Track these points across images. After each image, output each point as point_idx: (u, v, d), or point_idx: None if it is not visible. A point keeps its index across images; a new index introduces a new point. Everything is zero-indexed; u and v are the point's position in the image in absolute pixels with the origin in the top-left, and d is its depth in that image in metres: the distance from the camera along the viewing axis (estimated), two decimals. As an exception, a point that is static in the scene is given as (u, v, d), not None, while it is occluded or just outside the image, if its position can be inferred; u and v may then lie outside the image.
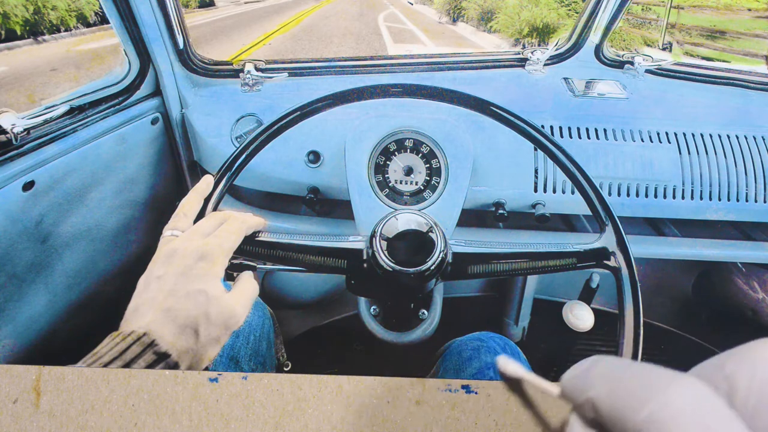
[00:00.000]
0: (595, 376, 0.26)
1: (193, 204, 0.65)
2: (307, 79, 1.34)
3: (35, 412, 0.33)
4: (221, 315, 0.51)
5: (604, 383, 0.25)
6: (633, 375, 0.24)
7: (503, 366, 0.36)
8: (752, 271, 1.48)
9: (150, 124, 1.22)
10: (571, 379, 0.27)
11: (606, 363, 0.26)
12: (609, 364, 0.26)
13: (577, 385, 0.26)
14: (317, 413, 0.34)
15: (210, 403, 0.34)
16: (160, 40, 1.15)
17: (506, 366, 0.36)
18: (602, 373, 0.25)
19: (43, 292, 0.98)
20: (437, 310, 0.98)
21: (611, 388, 0.24)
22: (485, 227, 1.30)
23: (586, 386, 0.25)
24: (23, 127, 0.89)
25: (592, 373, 0.26)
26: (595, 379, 0.25)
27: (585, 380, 0.26)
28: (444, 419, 0.34)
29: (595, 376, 0.26)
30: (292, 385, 0.35)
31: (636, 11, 9.11)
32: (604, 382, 0.25)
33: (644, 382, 0.23)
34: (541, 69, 1.37)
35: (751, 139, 1.19)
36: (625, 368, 0.25)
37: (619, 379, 0.24)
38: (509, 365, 0.35)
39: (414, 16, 17.01)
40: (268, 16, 16.39)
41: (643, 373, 0.24)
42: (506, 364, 0.36)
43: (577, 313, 1.28)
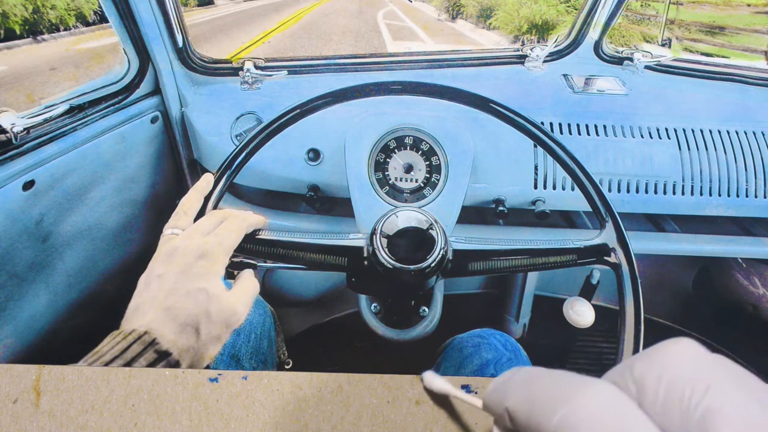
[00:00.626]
0: (511, 386, 0.26)
1: (193, 202, 0.65)
2: (306, 77, 1.33)
3: (35, 412, 0.33)
4: (222, 313, 0.51)
5: (519, 392, 0.25)
6: (546, 383, 0.24)
7: (429, 382, 0.36)
8: (752, 267, 1.48)
9: (150, 123, 1.22)
10: (491, 392, 0.28)
11: (523, 373, 0.27)
12: (525, 373, 0.26)
13: (496, 397, 0.27)
14: (317, 413, 0.34)
15: (210, 402, 0.34)
16: (160, 39, 1.15)
17: (432, 382, 0.36)
18: (518, 383, 0.26)
19: (43, 291, 0.98)
20: (438, 307, 0.99)
21: (526, 396, 0.24)
22: (485, 224, 1.30)
23: (503, 397, 0.26)
24: (23, 127, 0.89)
25: (509, 383, 0.26)
26: (512, 389, 0.26)
27: (503, 391, 0.26)
28: (444, 419, 0.34)
29: (511, 386, 0.26)
30: (292, 385, 0.35)
31: (635, 7, 9.09)
32: (519, 392, 0.25)
33: (556, 389, 0.23)
34: (540, 66, 1.37)
35: (751, 134, 1.18)
36: (539, 377, 0.25)
37: (533, 388, 0.25)
38: (434, 381, 0.36)
39: (413, 13, 16.99)
40: (267, 14, 16.37)
41: (557, 380, 0.24)
42: (431, 381, 0.36)
43: (578, 309, 1.28)
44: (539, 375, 0.25)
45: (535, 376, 0.25)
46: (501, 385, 0.27)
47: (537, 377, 0.25)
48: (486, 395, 0.28)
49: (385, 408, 0.34)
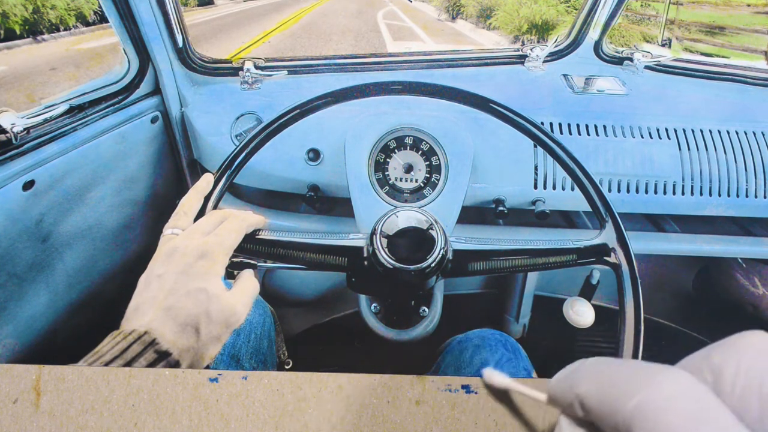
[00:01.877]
0: (582, 374, 0.26)
1: (193, 202, 0.65)
2: (306, 77, 1.33)
3: (35, 412, 0.33)
4: (222, 313, 0.51)
5: (591, 380, 0.25)
6: (620, 370, 0.24)
7: (489, 378, 0.36)
8: (752, 267, 1.48)
9: (150, 123, 1.22)
10: (557, 382, 0.28)
11: (592, 362, 0.27)
12: (595, 362, 0.26)
13: (565, 386, 0.27)
14: (317, 413, 0.34)
15: (210, 403, 0.34)
16: (160, 39, 1.15)
17: (492, 377, 0.36)
18: (589, 371, 0.26)
19: (43, 291, 0.98)
20: (438, 307, 0.99)
21: (599, 383, 0.24)
22: (485, 224, 1.30)
23: (573, 385, 0.26)
24: (23, 127, 0.89)
25: (578, 372, 0.27)
26: (583, 377, 0.26)
27: (572, 380, 0.26)
28: (444, 419, 0.34)
29: (582, 374, 0.26)
30: (292, 385, 0.35)
31: (635, 7, 9.10)
32: (591, 379, 0.25)
33: (631, 376, 0.23)
34: (540, 66, 1.37)
35: (751, 134, 1.18)
36: (611, 365, 0.25)
37: (606, 375, 0.25)
38: (495, 377, 0.36)
39: (413, 13, 16.99)
40: (267, 14, 16.37)
41: (630, 368, 0.24)
42: (492, 376, 0.36)
43: (578, 309, 1.28)
44: (611, 363, 0.25)
45: (607, 364, 0.25)
46: (569, 374, 0.27)
47: (609, 365, 0.25)
48: (551, 385, 0.28)
49: (385, 408, 0.34)
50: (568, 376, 0.27)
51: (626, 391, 0.22)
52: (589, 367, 0.26)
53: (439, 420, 0.34)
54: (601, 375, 0.25)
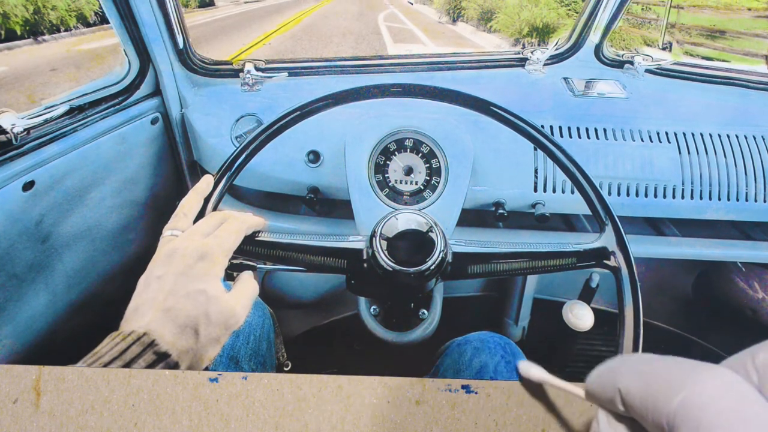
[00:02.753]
0: (623, 370, 0.26)
1: (193, 204, 0.65)
2: (306, 78, 1.34)
3: (35, 412, 0.33)
4: (221, 315, 0.51)
5: (633, 375, 0.25)
6: (663, 366, 0.24)
7: (525, 371, 0.36)
8: (752, 271, 1.48)
9: (150, 124, 1.22)
10: (597, 377, 0.28)
11: (634, 358, 0.27)
12: (636, 358, 0.26)
13: (605, 381, 0.27)
14: (317, 413, 0.34)
15: (210, 403, 0.34)
16: (160, 40, 1.15)
17: (528, 370, 0.36)
18: (631, 367, 0.26)
19: (43, 291, 0.98)
20: (437, 309, 0.99)
21: (641, 379, 0.24)
22: (485, 227, 1.30)
23: (614, 380, 0.26)
24: (23, 127, 0.89)
25: (620, 368, 0.26)
26: (624, 373, 0.26)
27: (613, 375, 0.26)
28: (444, 419, 0.34)
29: (623, 370, 0.26)
30: (292, 385, 0.35)
31: (636, 11, 9.10)
32: (634, 375, 0.25)
33: (675, 373, 0.23)
34: (540, 69, 1.37)
35: (751, 138, 1.19)
36: (654, 361, 0.25)
37: (649, 371, 0.24)
38: (531, 370, 0.35)
39: (414, 15, 17.01)
40: (268, 16, 16.38)
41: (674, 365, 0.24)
42: (528, 369, 0.36)
43: (577, 312, 1.28)
44: (654, 359, 0.25)
45: (650, 361, 0.25)
46: (609, 369, 0.27)
47: (651, 361, 0.25)
48: (591, 380, 0.28)
49: (385, 408, 0.34)
50: (608, 371, 0.27)
51: (670, 388, 0.22)
52: (632, 363, 0.26)
53: (439, 420, 0.34)
54: (644, 371, 0.25)
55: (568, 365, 1.59)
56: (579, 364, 1.60)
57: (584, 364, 1.61)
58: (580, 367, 1.60)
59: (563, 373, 1.57)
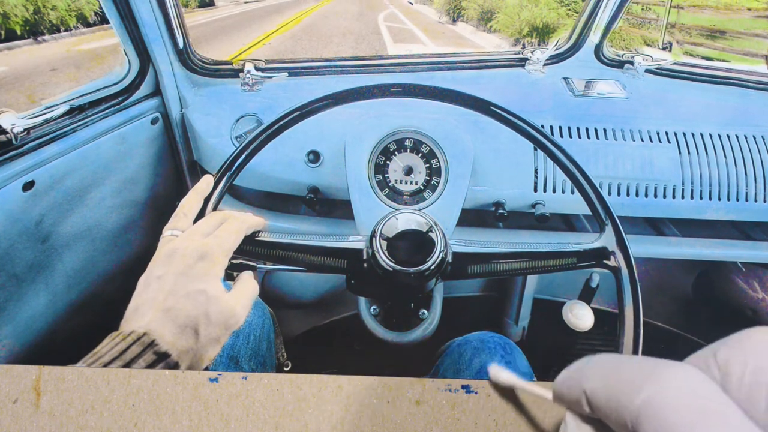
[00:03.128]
0: (588, 371, 0.26)
1: (193, 204, 0.65)
2: (306, 78, 1.34)
3: (35, 412, 0.33)
4: (221, 315, 0.51)
5: (598, 376, 0.25)
6: (627, 366, 0.24)
7: (495, 375, 0.36)
8: (752, 271, 1.48)
9: (150, 124, 1.22)
10: (564, 380, 0.28)
11: (598, 359, 0.27)
12: (601, 359, 0.27)
13: (571, 383, 0.27)
14: (317, 413, 0.34)
15: (210, 403, 0.34)
16: (160, 40, 1.15)
17: (498, 375, 0.36)
18: (596, 368, 0.26)
19: (43, 291, 0.98)
20: (437, 309, 0.99)
21: (606, 379, 0.24)
22: (485, 227, 1.30)
23: (580, 382, 0.26)
24: (23, 127, 0.89)
25: (585, 369, 0.27)
26: (589, 374, 0.26)
27: (579, 377, 0.26)
28: (444, 419, 0.34)
29: (588, 371, 0.26)
30: (292, 385, 0.35)
31: (636, 11, 9.11)
32: (598, 375, 0.25)
33: (638, 371, 0.23)
34: (540, 69, 1.37)
35: (751, 138, 1.18)
36: (618, 361, 0.25)
37: (613, 371, 0.25)
38: (501, 374, 0.36)
39: (414, 15, 17.01)
40: (268, 16, 16.39)
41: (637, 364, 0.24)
42: (498, 373, 0.36)
43: (577, 312, 1.28)
44: (618, 359, 0.26)
45: (613, 361, 0.26)
46: (575, 371, 0.27)
47: (616, 361, 0.25)
48: (558, 382, 0.28)
49: (385, 408, 0.34)
50: (574, 372, 0.27)
51: (633, 387, 0.22)
52: (596, 364, 0.26)
53: (439, 420, 0.34)
54: (608, 371, 0.25)
55: (569, 365, 1.59)
56: (579, 364, 1.60)
57: (584, 364, 1.60)
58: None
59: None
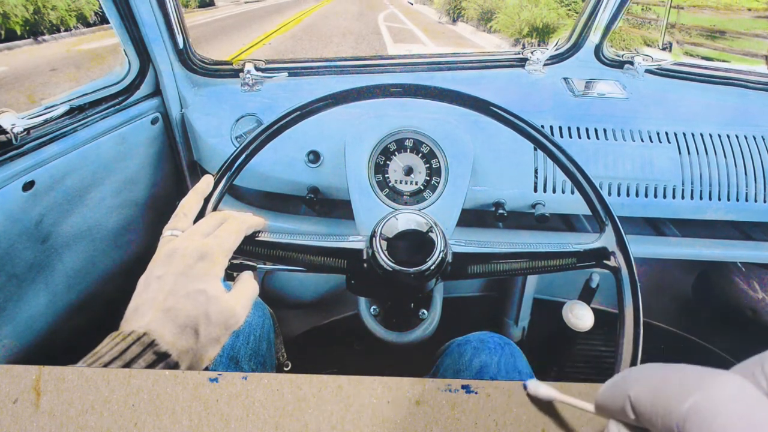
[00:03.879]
0: (632, 379, 0.26)
1: (193, 204, 0.65)
2: (307, 78, 1.34)
3: (35, 412, 0.33)
4: (221, 315, 0.51)
5: (643, 383, 0.25)
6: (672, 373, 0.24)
7: (534, 390, 0.36)
8: (752, 271, 1.48)
9: (150, 124, 1.22)
10: (606, 389, 0.28)
11: (643, 367, 0.27)
12: (646, 367, 0.27)
13: (614, 392, 0.27)
14: (317, 413, 0.34)
15: (210, 403, 0.34)
16: (160, 40, 1.15)
17: (537, 389, 0.36)
18: (641, 376, 0.26)
19: (43, 292, 0.98)
20: (437, 309, 0.99)
21: (651, 386, 0.24)
22: (485, 227, 1.30)
23: (624, 389, 0.26)
24: (23, 127, 0.89)
25: (629, 377, 0.27)
26: (633, 381, 0.26)
27: (622, 385, 0.26)
28: (444, 419, 0.34)
29: (632, 379, 0.26)
30: (292, 385, 0.35)
31: (636, 11, 9.11)
32: (643, 382, 0.25)
33: (684, 378, 0.23)
34: (540, 69, 1.37)
35: (751, 138, 1.18)
36: (663, 369, 0.25)
37: (658, 378, 0.25)
38: (540, 388, 0.36)
39: (414, 16, 17.02)
40: (268, 16, 16.39)
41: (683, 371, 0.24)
42: (537, 388, 0.36)
43: (577, 312, 1.28)
44: (663, 367, 0.26)
45: (658, 369, 0.26)
46: (619, 380, 0.27)
47: (661, 369, 0.25)
48: (601, 393, 0.28)
49: (385, 408, 0.34)
50: (617, 382, 0.27)
51: (680, 394, 0.22)
52: (641, 372, 0.26)
53: (439, 420, 0.34)
54: (653, 378, 0.25)
55: (568, 365, 1.59)
56: (579, 365, 1.60)
57: (584, 364, 1.61)
58: (580, 368, 1.60)
59: (563, 373, 1.56)
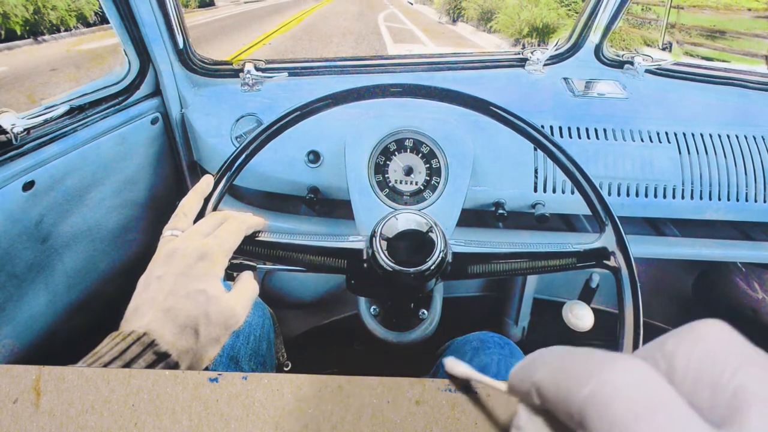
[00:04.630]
0: (539, 362, 0.26)
1: (193, 204, 0.65)
2: (307, 78, 1.34)
3: (35, 412, 0.33)
4: (221, 315, 0.51)
5: (548, 368, 0.25)
6: (575, 358, 0.24)
7: (451, 367, 0.36)
8: (752, 271, 1.48)
9: (150, 124, 1.22)
10: (517, 370, 0.28)
11: (550, 351, 0.27)
12: (553, 351, 0.27)
13: (523, 375, 0.27)
14: (317, 413, 0.33)
15: (210, 403, 0.34)
16: (160, 40, 1.15)
17: (454, 367, 0.36)
18: (547, 360, 0.26)
19: (43, 292, 0.98)
20: (437, 309, 0.99)
21: (555, 371, 0.25)
22: (485, 227, 1.30)
23: (531, 373, 0.26)
24: (23, 127, 0.89)
25: (536, 360, 0.27)
26: (540, 364, 0.26)
27: (530, 368, 0.27)
28: (444, 419, 0.34)
29: (539, 362, 0.26)
30: (292, 385, 0.35)
31: (636, 11, 9.11)
32: (548, 367, 0.25)
33: (586, 363, 0.23)
34: (540, 69, 1.37)
35: (751, 138, 1.18)
36: (568, 353, 0.25)
37: (562, 362, 0.25)
38: (457, 366, 0.36)
39: (414, 16, 17.02)
40: (268, 16, 16.39)
41: (585, 356, 0.24)
42: (454, 366, 0.36)
43: (577, 312, 1.28)
44: (567, 351, 0.26)
45: (563, 353, 0.26)
46: (528, 362, 0.27)
47: (565, 353, 0.25)
48: (512, 373, 0.28)
49: (385, 408, 0.34)
50: (526, 364, 0.27)
51: (580, 379, 0.22)
52: (547, 356, 0.26)
53: (439, 420, 0.34)
54: (557, 363, 0.25)
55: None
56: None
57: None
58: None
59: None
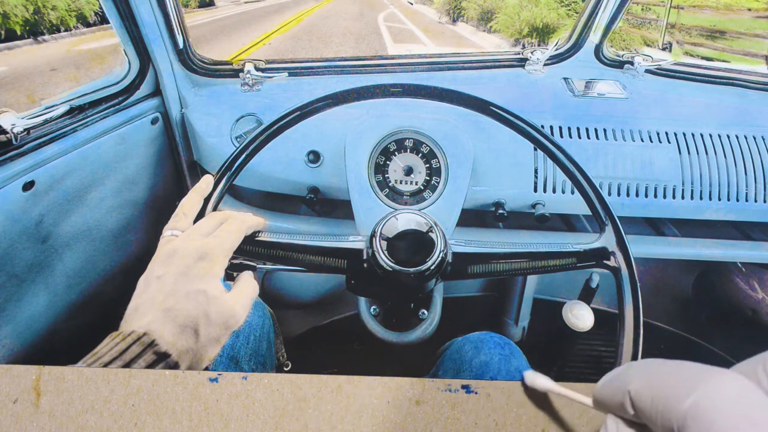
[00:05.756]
0: (632, 374, 0.26)
1: (193, 204, 0.65)
2: (307, 78, 1.33)
3: (35, 412, 0.33)
4: (221, 315, 0.51)
5: (643, 379, 0.25)
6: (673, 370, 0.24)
7: (531, 380, 0.36)
8: (752, 271, 1.48)
9: (150, 124, 1.22)
10: (605, 384, 0.28)
11: (642, 362, 0.27)
12: (646, 363, 0.26)
13: (614, 387, 0.27)
14: (317, 413, 0.33)
15: (210, 403, 0.34)
16: (160, 40, 1.15)
17: (534, 380, 0.36)
18: (640, 371, 0.26)
19: (43, 292, 0.98)
20: (437, 309, 0.99)
21: (651, 381, 0.24)
22: (485, 227, 1.30)
23: (623, 384, 0.26)
24: (23, 127, 0.89)
25: (628, 372, 0.26)
26: (633, 376, 0.26)
27: (622, 380, 0.26)
28: (444, 419, 0.34)
29: (632, 374, 0.26)
30: (292, 385, 0.35)
31: (636, 11, 9.10)
32: (643, 378, 0.25)
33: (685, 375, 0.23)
34: (540, 69, 1.37)
35: (751, 138, 1.18)
36: (663, 364, 0.25)
37: (659, 374, 0.24)
38: (537, 379, 0.36)
39: (414, 16, 17.00)
40: (268, 16, 16.38)
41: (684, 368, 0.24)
42: (534, 378, 0.36)
43: (577, 312, 1.28)
44: (662, 363, 0.25)
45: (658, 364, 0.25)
46: (617, 376, 0.27)
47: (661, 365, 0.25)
48: (599, 386, 0.28)
49: (385, 408, 0.34)
50: (617, 376, 0.27)
51: (681, 391, 0.22)
52: (641, 367, 0.26)
53: (439, 420, 0.34)
54: (654, 374, 0.25)
55: (568, 366, 1.59)
56: (579, 365, 1.60)
57: (584, 364, 1.61)
58: (580, 368, 1.60)
59: (563, 373, 1.56)
